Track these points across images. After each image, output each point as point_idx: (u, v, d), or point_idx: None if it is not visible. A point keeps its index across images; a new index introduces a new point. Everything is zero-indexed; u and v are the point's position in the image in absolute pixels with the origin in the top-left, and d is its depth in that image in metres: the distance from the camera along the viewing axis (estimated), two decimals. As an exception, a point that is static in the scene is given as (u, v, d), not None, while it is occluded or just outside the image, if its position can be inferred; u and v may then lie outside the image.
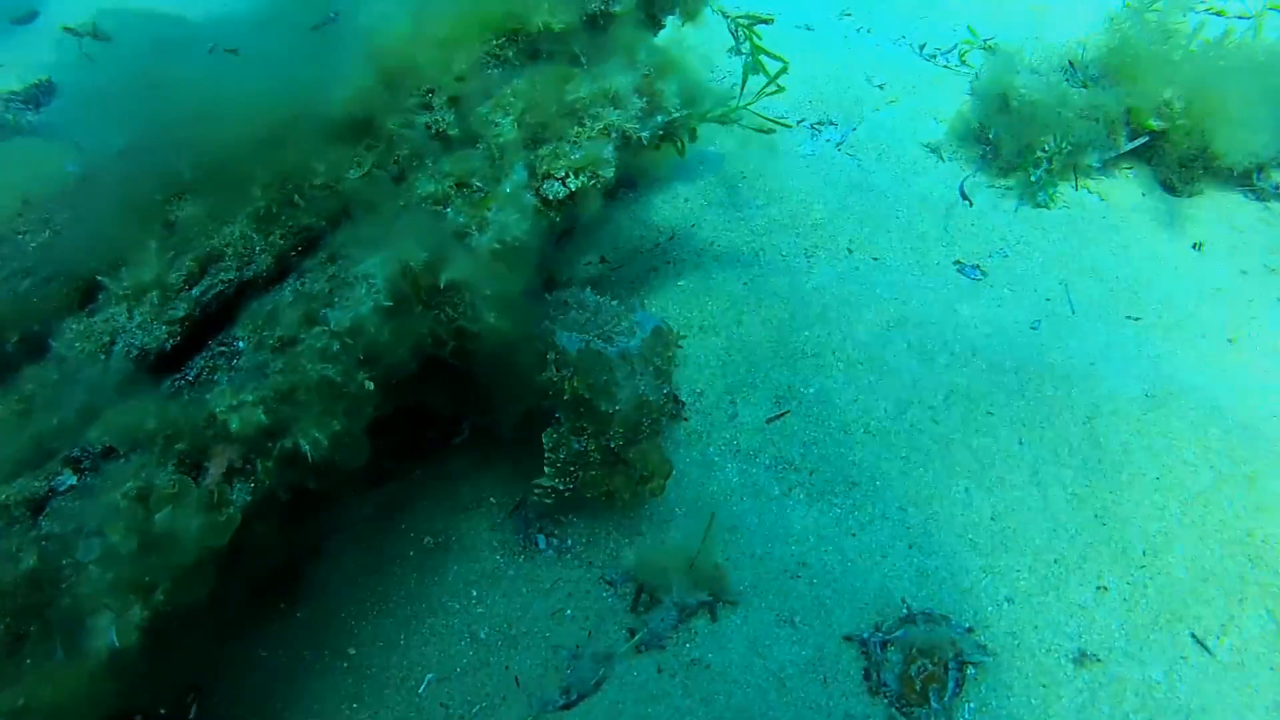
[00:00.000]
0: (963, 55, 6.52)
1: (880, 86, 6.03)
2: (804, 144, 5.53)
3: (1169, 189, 5.06)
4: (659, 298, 4.24)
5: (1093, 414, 3.57)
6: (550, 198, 2.97)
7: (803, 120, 5.80)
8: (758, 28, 4.64)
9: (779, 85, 4.14)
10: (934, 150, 5.39)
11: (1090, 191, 4.97)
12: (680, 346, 3.73)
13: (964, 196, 4.88)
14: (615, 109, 3.21)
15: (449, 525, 3.45)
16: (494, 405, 3.26)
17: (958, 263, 4.50)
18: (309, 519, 3.38)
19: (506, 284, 2.79)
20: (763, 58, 4.50)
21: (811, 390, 3.76)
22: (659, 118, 3.37)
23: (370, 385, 2.55)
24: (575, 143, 3.11)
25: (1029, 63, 5.20)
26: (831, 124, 5.77)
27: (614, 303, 3.53)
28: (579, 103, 3.19)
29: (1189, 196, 5.01)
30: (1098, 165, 5.06)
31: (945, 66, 6.44)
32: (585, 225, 4.84)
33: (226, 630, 3.23)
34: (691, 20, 4.24)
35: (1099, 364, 3.79)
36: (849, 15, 7.35)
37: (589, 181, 3.00)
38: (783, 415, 3.69)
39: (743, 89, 4.01)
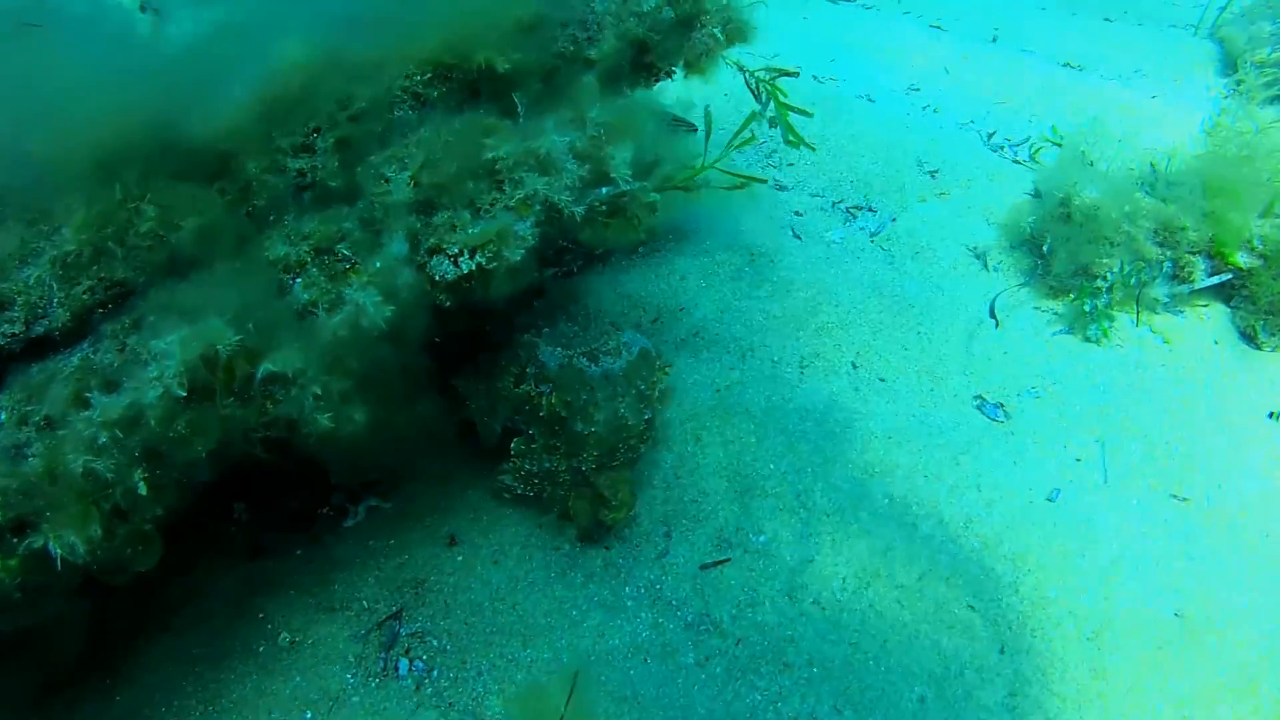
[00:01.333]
0: (1035, 151, 5.81)
1: (932, 174, 5.36)
2: (834, 229, 4.90)
3: (1250, 339, 4.27)
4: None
5: (1097, 638, 2.83)
6: (437, 278, 2.42)
7: (840, 201, 5.17)
8: (780, 81, 4.06)
9: (752, 134, 3.53)
10: (979, 256, 4.70)
11: (1153, 330, 4.22)
12: (668, 373, 3.33)
13: (992, 316, 4.17)
14: (544, 175, 2.66)
15: (309, 623, 2.91)
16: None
17: (979, 398, 3.80)
18: (158, 588, 2.91)
19: (355, 376, 2.25)
20: (790, 117, 3.92)
21: (762, 539, 3.11)
22: (603, 189, 2.80)
23: (143, 488, 2.03)
24: (484, 212, 2.56)
25: (1102, 164, 4.48)
26: (870, 210, 5.12)
27: (607, 321, 3.39)
28: (499, 163, 2.64)
29: (1274, 351, 4.21)
30: (1166, 299, 4.30)
31: (1015, 161, 5.75)
32: (560, 289, 4.29)
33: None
34: (699, 73, 3.68)
35: (1123, 561, 3.04)
36: (917, 90, 6.70)
37: (489, 263, 2.44)
38: (721, 564, 3.06)
39: (733, 142, 3.41)
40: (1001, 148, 5.90)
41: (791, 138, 3.83)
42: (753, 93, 3.80)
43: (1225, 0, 7.71)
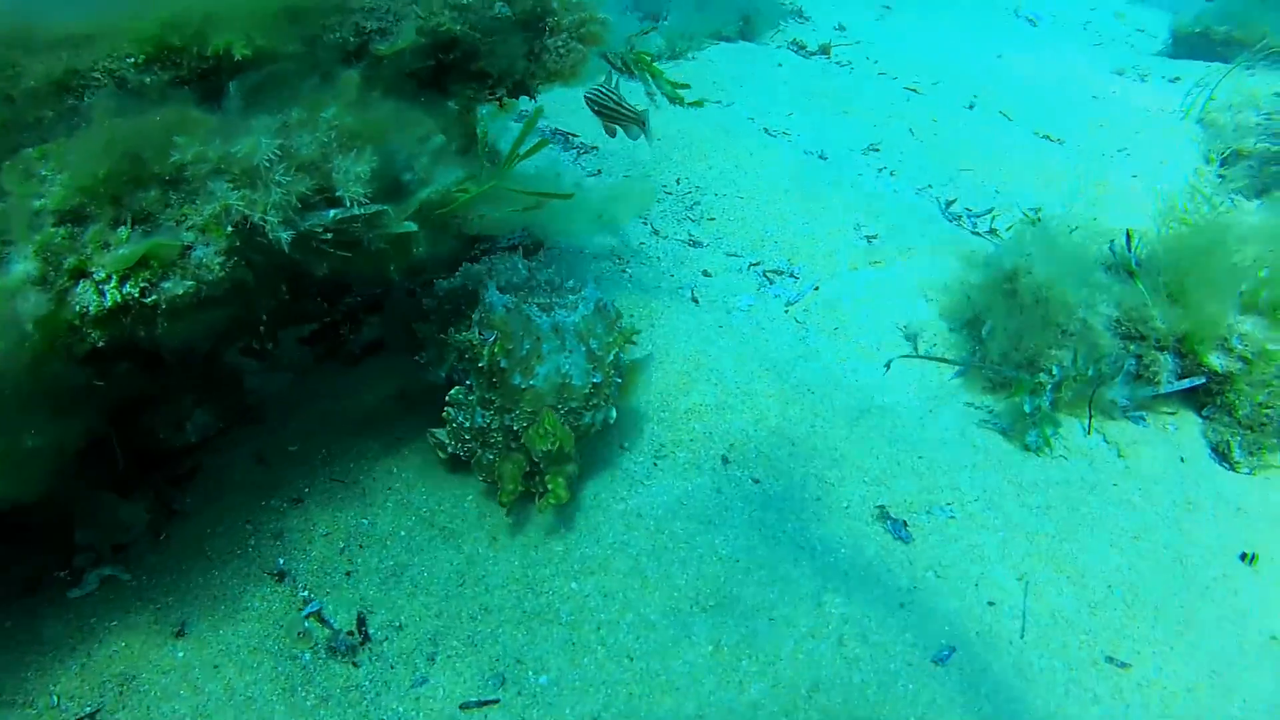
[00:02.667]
0: (994, 221, 5.14)
1: (870, 239, 4.67)
2: (744, 294, 4.19)
3: (1223, 458, 3.51)
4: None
5: None
6: (79, 309, 1.71)
7: (758, 264, 4.47)
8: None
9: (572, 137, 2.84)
10: (909, 337, 3.98)
11: (1107, 440, 3.46)
12: (635, 342, 3.05)
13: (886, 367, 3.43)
14: (245, 187, 1.96)
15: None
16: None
17: (880, 509, 3.03)
18: None
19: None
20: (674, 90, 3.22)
21: (544, 679, 2.33)
22: (330, 212, 2.09)
23: None
24: (162, 229, 1.85)
25: (1059, 240, 3.77)
26: (791, 275, 4.42)
27: (569, 281, 3.11)
28: (189, 169, 1.94)
29: (1250, 473, 3.45)
30: (1125, 402, 3.56)
31: (972, 232, 5.06)
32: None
33: None
34: (561, 80, 3.00)
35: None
36: (876, 150, 6.06)
37: (145, 295, 1.74)
38: (487, 705, 2.27)
39: (516, 151, 2.70)
40: (959, 217, 5.22)
41: (671, 92, 3.14)
42: (616, 68, 3.12)
43: (1212, 88, 7.15)
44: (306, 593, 2.59)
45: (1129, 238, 3.64)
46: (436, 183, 2.29)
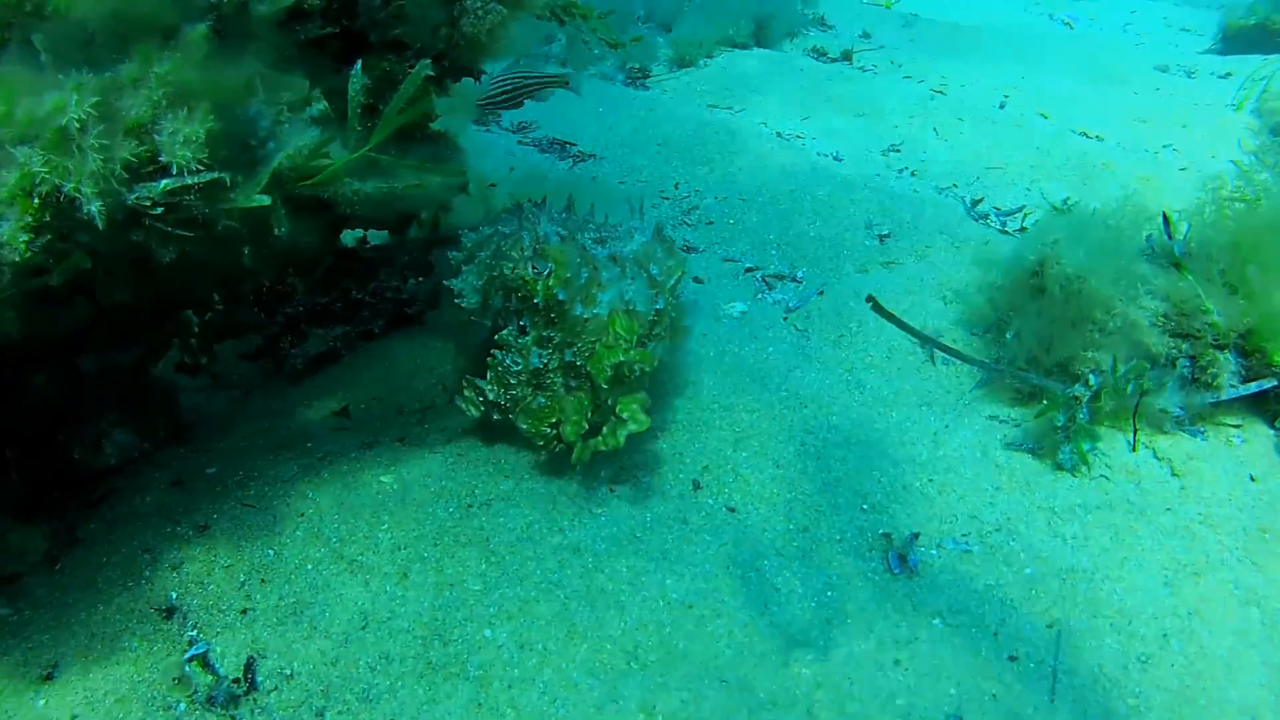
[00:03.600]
0: (1025, 219, 4.63)
1: (881, 239, 4.19)
2: (739, 301, 3.74)
3: (1305, 478, 2.94)
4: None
5: None
6: None
7: (757, 268, 4.03)
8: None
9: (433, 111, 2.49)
10: (923, 344, 3.48)
11: (1157, 457, 2.92)
12: (685, 270, 2.93)
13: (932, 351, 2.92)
14: (55, 153, 1.59)
15: None
16: None
17: (885, 539, 2.54)
18: None
19: None
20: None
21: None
22: (161, 182, 1.71)
23: None
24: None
25: (1091, 226, 3.26)
26: (794, 280, 3.96)
27: (617, 221, 3.07)
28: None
29: (1341, 497, 2.88)
30: (1179, 412, 3.01)
31: (1000, 231, 4.56)
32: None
33: None
34: (485, 52, 2.61)
35: None
36: (897, 151, 5.59)
37: None
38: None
39: (390, 118, 2.28)
40: (986, 216, 4.72)
41: (609, 38, 2.76)
42: (543, 18, 2.73)
43: (1271, 73, 6.56)
44: (195, 632, 2.23)
45: (1167, 221, 3.11)
46: (288, 146, 1.89)
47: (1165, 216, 3.11)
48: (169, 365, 3.11)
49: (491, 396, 2.53)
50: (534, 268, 2.45)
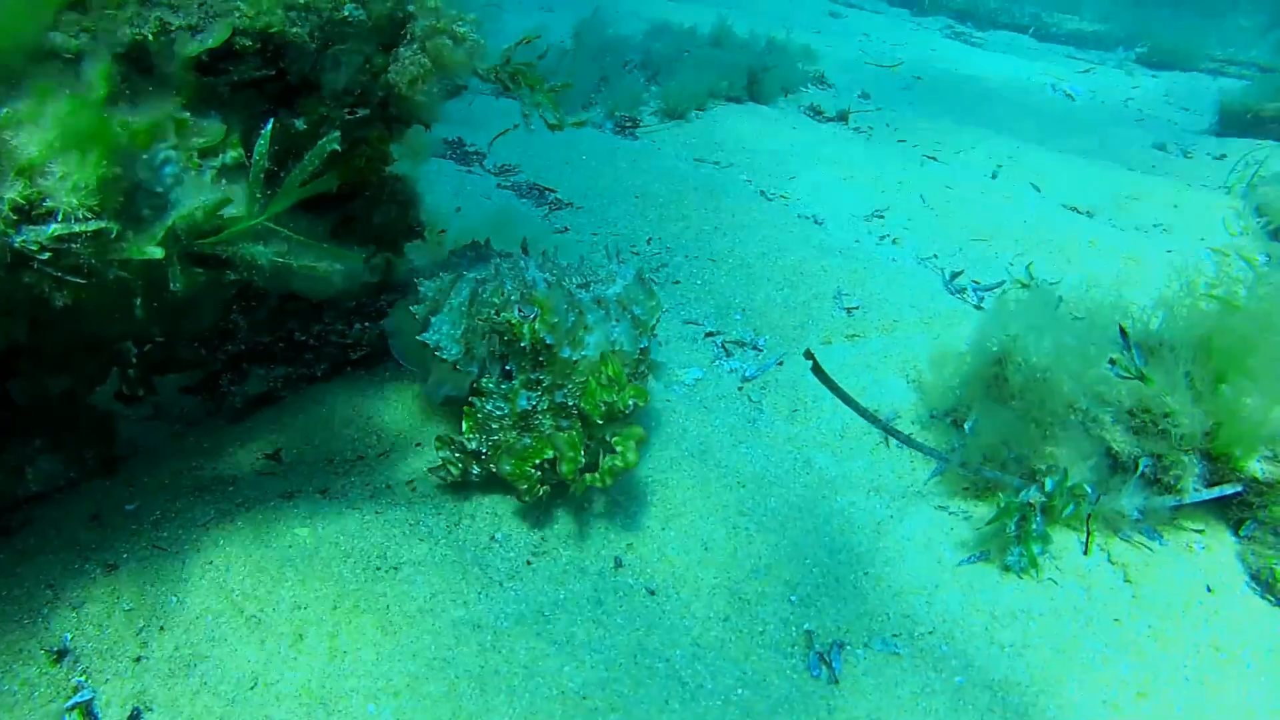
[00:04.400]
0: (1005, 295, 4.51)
1: (849, 310, 4.08)
2: (694, 367, 3.62)
3: (1266, 588, 2.79)
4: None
5: None
6: None
7: (717, 333, 3.91)
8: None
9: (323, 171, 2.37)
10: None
11: (1111, 562, 2.78)
12: (665, 310, 3.12)
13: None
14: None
15: None
16: None
17: (809, 636, 2.39)
18: None
19: None
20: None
21: None
22: (50, 227, 1.61)
23: None
24: None
25: (1055, 313, 3.15)
26: (754, 348, 3.85)
27: (595, 266, 3.17)
28: None
29: (1302, 615, 2.73)
30: (1137, 515, 2.87)
31: (975, 306, 4.45)
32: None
33: None
34: (414, 110, 2.52)
35: None
36: (880, 217, 5.51)
37: None
38: None
39: (298, 179, 2.16)
40: (964, 290, 4.62)
41: (550, 119, 2.66)
42: (488, 81, 2.63)
43: (1261, 160, 6.51)
44: (83, 678, 2.13)
45: (1124, 334, 2.98)
46: (186, 203, 1.79)
47: (1122, 330, 2.99)
48: (109, 394, 3.01)
49: (472, 447, 2.52)
50: (520, 311, 2.52)
